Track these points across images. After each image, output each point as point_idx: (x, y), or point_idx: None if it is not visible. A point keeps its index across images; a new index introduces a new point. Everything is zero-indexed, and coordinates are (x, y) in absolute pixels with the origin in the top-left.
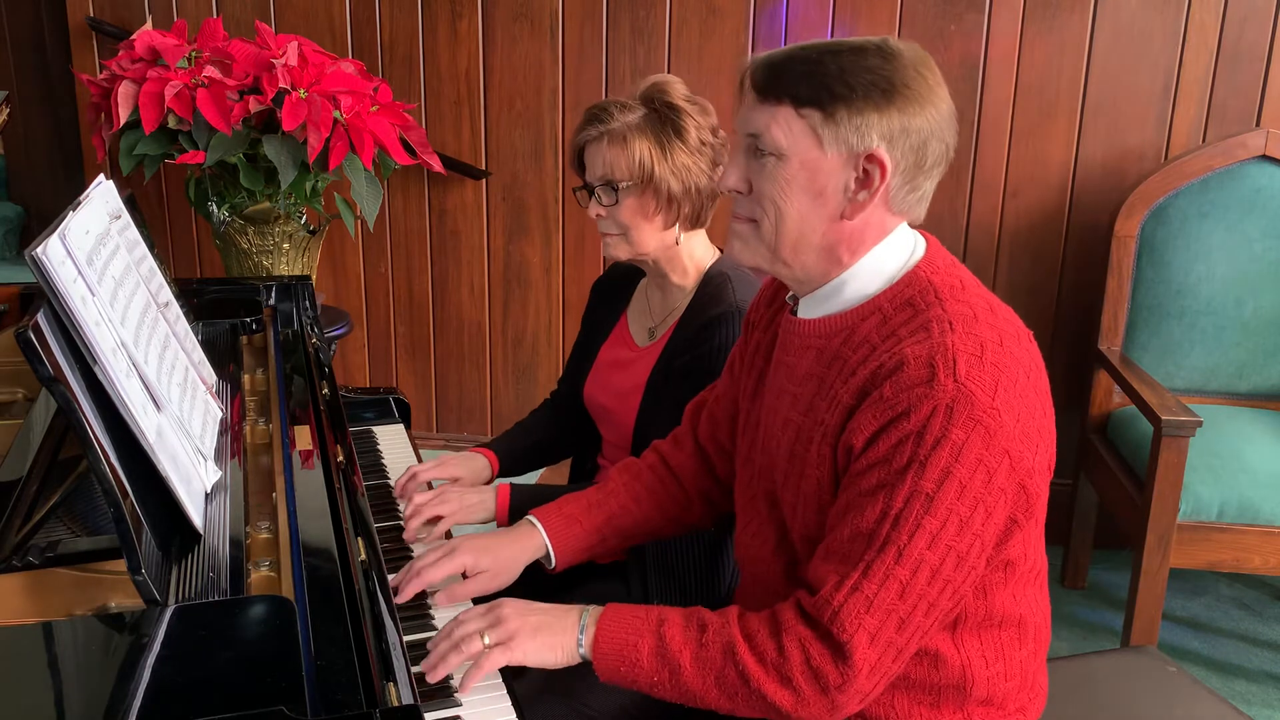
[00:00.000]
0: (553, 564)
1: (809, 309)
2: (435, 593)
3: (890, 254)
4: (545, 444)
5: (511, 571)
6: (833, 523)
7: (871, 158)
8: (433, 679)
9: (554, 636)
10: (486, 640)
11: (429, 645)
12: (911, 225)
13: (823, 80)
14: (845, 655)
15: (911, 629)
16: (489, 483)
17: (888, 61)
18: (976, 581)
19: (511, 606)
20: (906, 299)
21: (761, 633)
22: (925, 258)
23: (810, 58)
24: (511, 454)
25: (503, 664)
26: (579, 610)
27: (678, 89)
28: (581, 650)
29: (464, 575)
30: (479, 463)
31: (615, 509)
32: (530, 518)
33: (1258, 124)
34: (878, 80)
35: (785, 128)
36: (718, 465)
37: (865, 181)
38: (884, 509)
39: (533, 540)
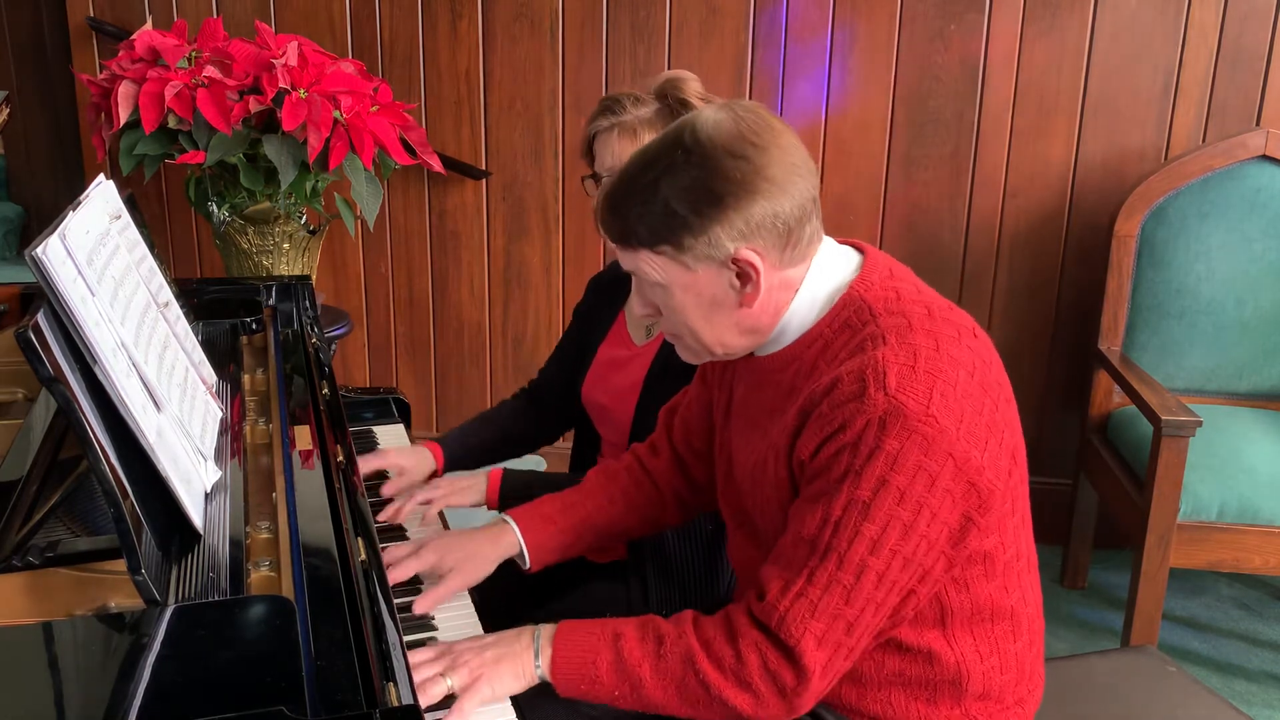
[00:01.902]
0: (527, 564)
1: (763, 349)
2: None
3: (820, 282)
4: (513, 436)
5: (482, 568)
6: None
7: (736, 260)
8: None
9: (514, 663)
10: (451, 683)
11: None
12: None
13: (656, 218)
14: (795, 659)
15: (861, 629)
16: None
17: (702, 166)
18: (940, 578)
19: (463, 644)
20: (844, 321)
21: (718, 639)
22: (860, 275)
23: (636, 196)
24: (465, 447)
25: (479, 705)
26: (530, 631)
27: (693, 86)
28: (539, 672)
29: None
30: (424, 453)
31: (591, 509)
32: (505, 517)
33: (1258, 124)
34: (702, 195)
35: (651, 265)
36: (693, 469)
37: (744, 277)
38: (824, 516)
39: (505, 538)
